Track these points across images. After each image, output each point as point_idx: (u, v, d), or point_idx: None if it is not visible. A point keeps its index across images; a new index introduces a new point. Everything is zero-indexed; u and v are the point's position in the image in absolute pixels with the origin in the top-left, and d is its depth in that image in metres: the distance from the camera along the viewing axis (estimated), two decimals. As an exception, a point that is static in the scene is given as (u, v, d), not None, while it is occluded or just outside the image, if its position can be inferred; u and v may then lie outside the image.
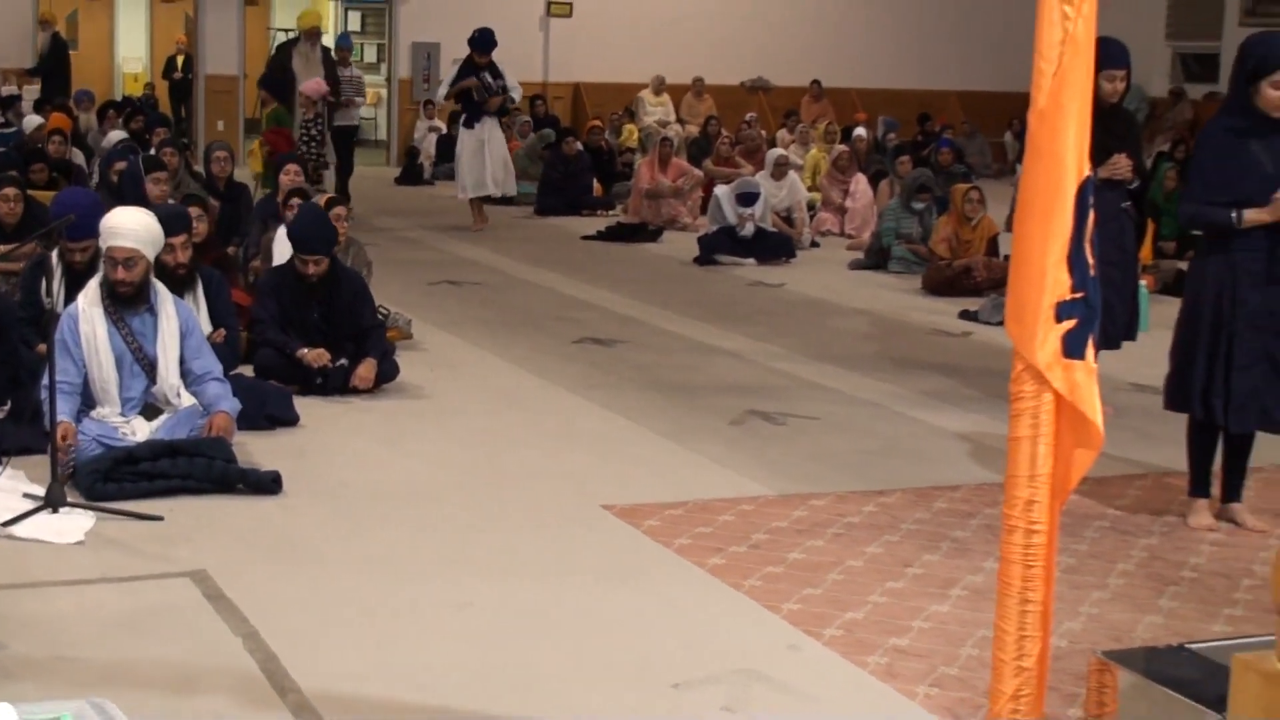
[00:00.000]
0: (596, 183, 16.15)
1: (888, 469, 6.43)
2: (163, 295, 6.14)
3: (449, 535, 5.38)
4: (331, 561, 5.07)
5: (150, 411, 6.06)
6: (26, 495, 5.45)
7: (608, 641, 4.47)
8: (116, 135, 13.50)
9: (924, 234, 12.16)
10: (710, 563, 5.12)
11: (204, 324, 6.72)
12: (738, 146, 16.75)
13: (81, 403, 5.98)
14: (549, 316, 9.78)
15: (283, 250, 8.05)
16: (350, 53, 16.13)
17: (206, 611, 4.58)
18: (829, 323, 10.02)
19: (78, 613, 4.55)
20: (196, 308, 6.76)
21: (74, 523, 5.25)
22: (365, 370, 7.28)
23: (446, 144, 18.13)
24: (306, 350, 7.25)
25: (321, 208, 7.93)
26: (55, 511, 5.27)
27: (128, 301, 6.04)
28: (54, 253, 6.78)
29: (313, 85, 13.41)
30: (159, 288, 6.16)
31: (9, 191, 8.67)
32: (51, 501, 5.29)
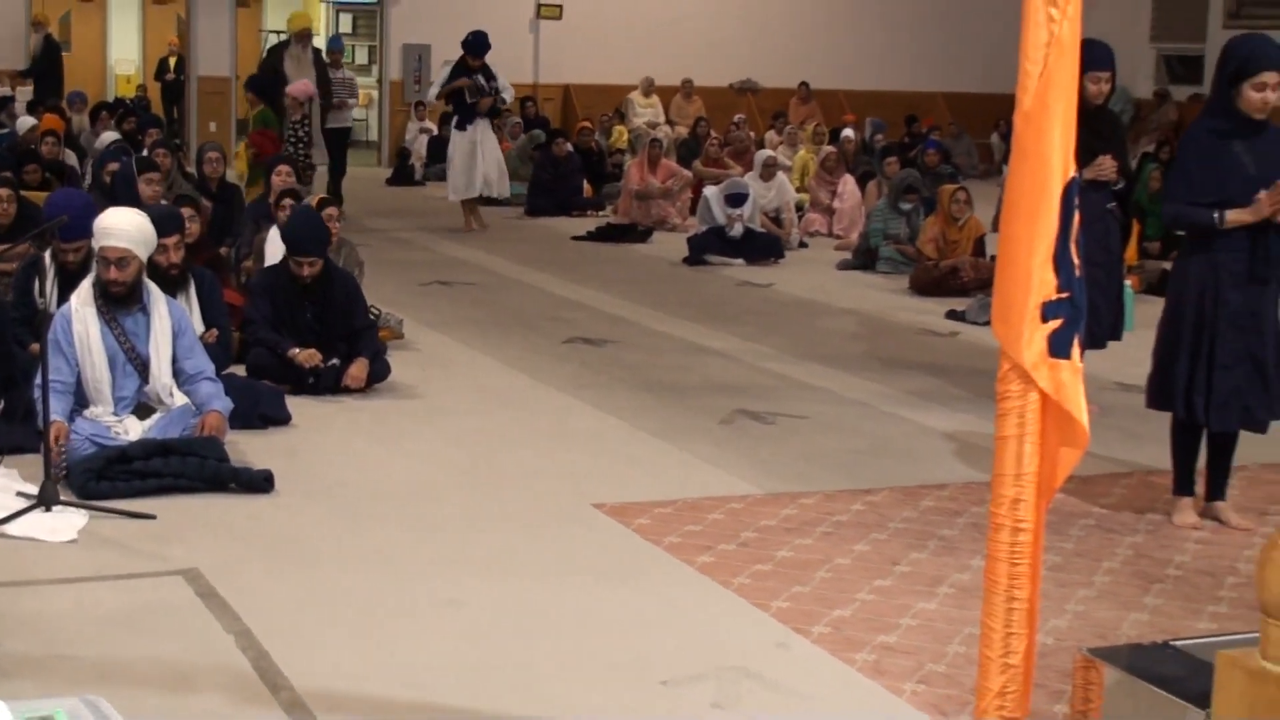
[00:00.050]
0: (586, 184, 16.13)
1: (876, 468, 6.45)
2: (155, 295, 6.15)
3: (441, 533, 5.39)
4: (324, 560, 5.08)
5: (143, 411, 6.06)
6: (20, 494, 5.45)
7: (598, 639, 4.48)
8: (109, 136, 13.46)
9: (911, 234, 12.17)
10: (700, 561, 5.14)
11: (196, 324, 6.73)
12: (726, 148, 16.76)
13: (74, 402, 5.98)
14: (540, 316, 9.78)
15: (275, 250, 8.06)
16: (342, 55, 16.13)
17: (199, 610, 4.58)
18: (817, 323, 10.03)
19: (71, 611, 4.55)
20: (189, 308, 6.77)
21: (67, 521, 5.26)
22: (357, 370, 7.29)
23: (438, 145, 18.11)
24: (298, 350, 7.26)
25: (315, 210, 7.94)
26: (48, 510, 5.28)
27: (120, 301, 6.05)
28: (47, 253, 6.79)
29: (300, 87, 13.39)
30: (151, 288, 6.16)
31: (2, 192, 8.68)
32: (45, 500, 5.30)
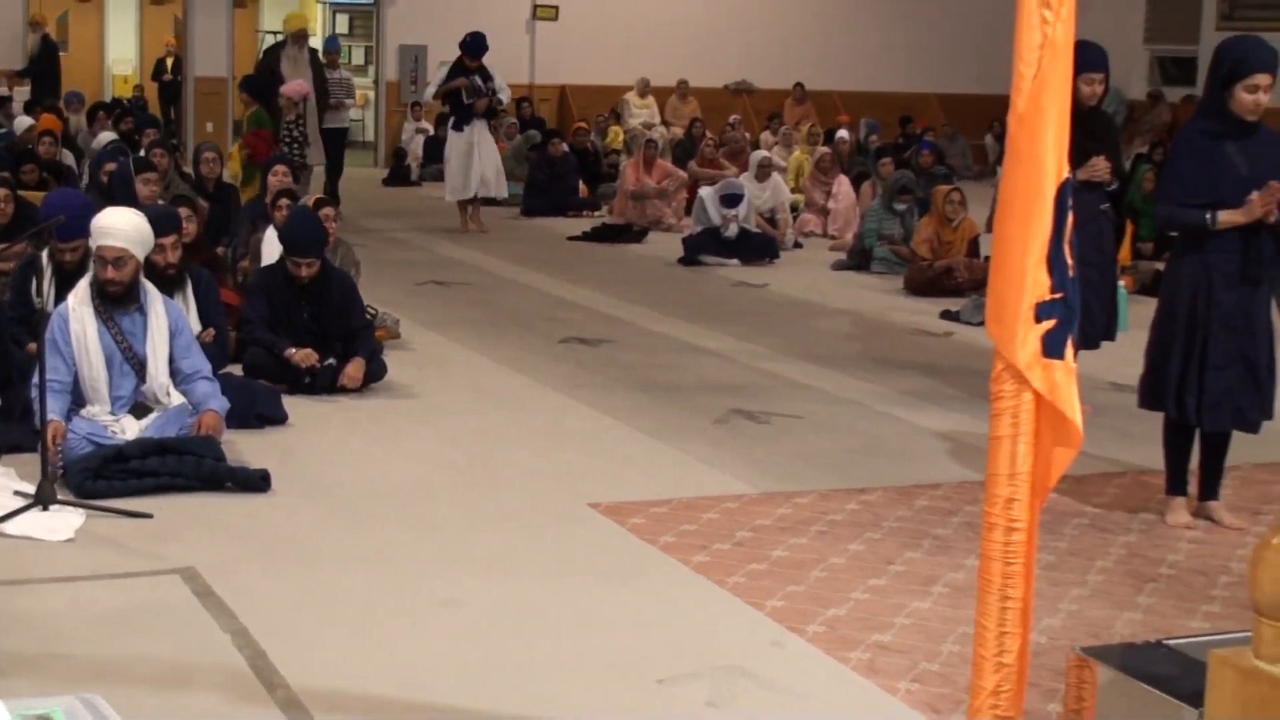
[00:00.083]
0: (582, 184, 16.14)
1: (870, 467, 6.47)
2: (152, 295, 6.16)
3: (437, 533, 5.40)
4: (320, 559, 5.09)
5: (140, 410, 6.08)
6: (17, 493, 5.46)
7: (594, 638, 4.49)
8: (106, 136, 13.45)
9: (906, 235, 12.19)
10: (695, 560, 5.15)
11: (193, 323, 6.74)
12: (722, 148, 16.77)
13: (72, 401, 5.99)
14: (536, 316, 9.79)
15: (271, 250, 8.07)
16: (338, 55, 16.12)
17: (196, 608, 4.59)
18: (812, 323, 10.04)
19: (68, 610, 4.56)
20: (186, 307, 6.78)
21: (64, 520, 5.27)
22: (354, 369, 7.30)
23: (434, 145, 18.11)
24: (294, 350, 7.27)
25: (313, 211, 7.93)
26: (46, 509, 5.29)
27: (117, 301, 6.06)
28: (44, 253, 6.79)
29: (294, 87, 13.37)
30: (148, 287, 6.17)
31: (-1, 192, 8.69)
32: (42, 499, 5.31)
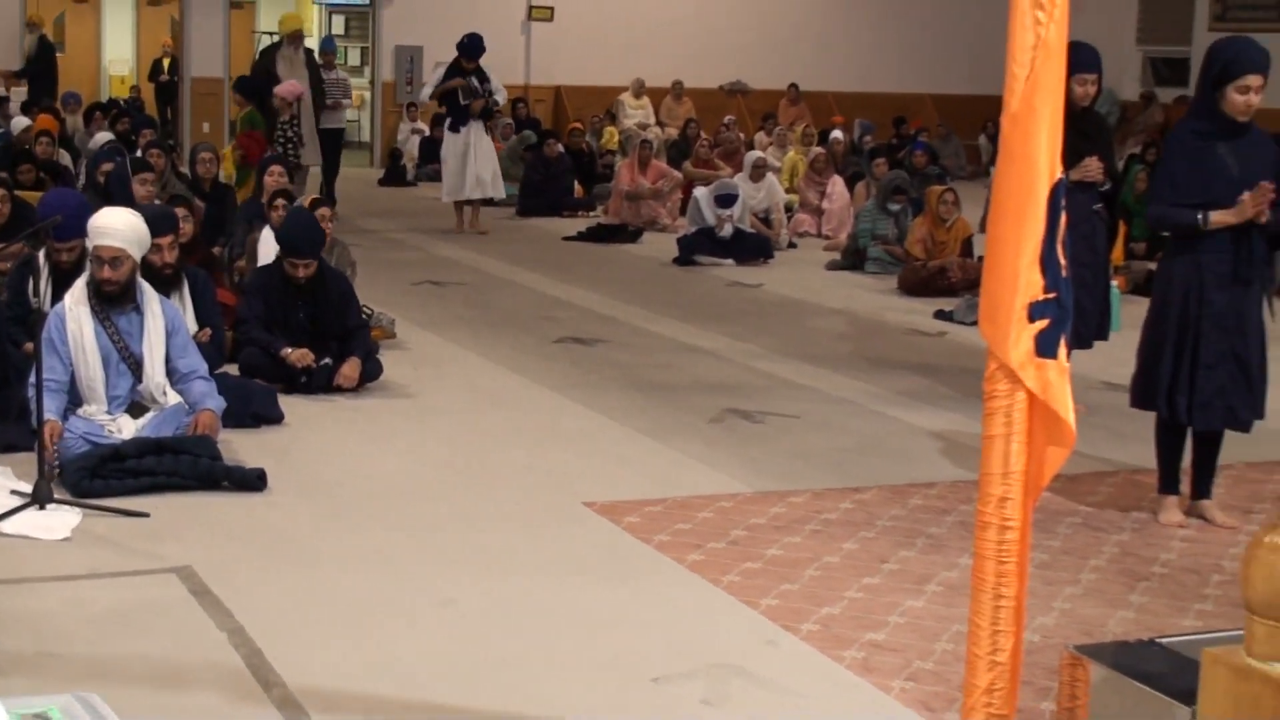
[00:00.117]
0: (577, 184, 16.14)
1: (864, 466, 6.48)
2: (149, 294, 6.17)
3: (432, 532, 5.41)
4: (316, 558, 5.10)
5: (136, 409, 6.09)
6: (14, 492, 5.47)
7: (588, 636, 4.50)
8: (103, 137, 13.45)
9: (900, 235, 12.20)
10: (690, 559, 5.16)
11: (190, 323, 6.74)
12: (716, 149, 16.78)
13: (68, 401, 6.00)
14: (531, 316, 9.80)
15: (268, 250, 8.08)
16: (334, 56, 16.12)
17: (192, 607, 4.60)
18: (806, 322, 10.06)
19: (65, 608, 4.57)
20: (183, 307, 6.78)
21: (61, 519, 5.28)
22: (349, 369, 7.31)
23: (429, 146, 18.11)
24: (290, 350, 7.28)
25: (310, 212, 7.93)
26: (42, 508, 5.30)
27: (114, 300, 6.07)
28: (41, 252, 6.79)
29: (288, 87, 13.36)
30: (145, 287, 6.18)
31: (-4, 192, 8.70)
32: (39, 498, 5.32)
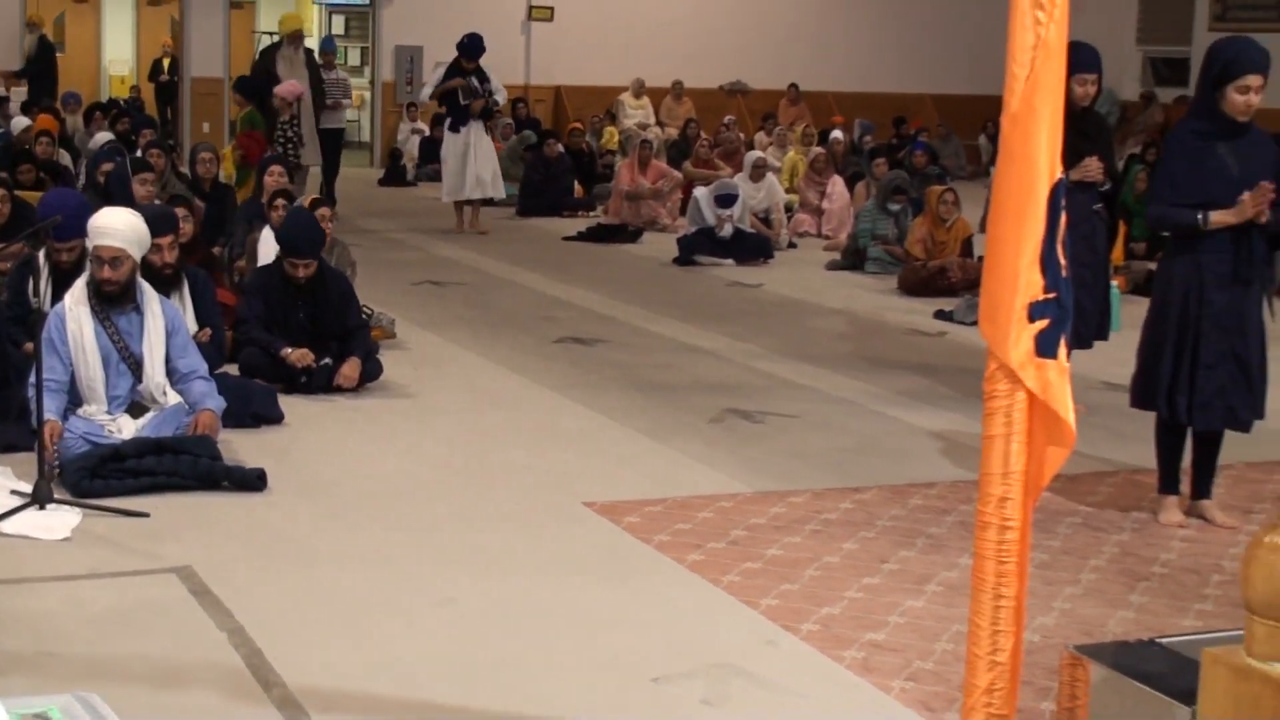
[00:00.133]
0: (577, 184, 16.14)
1: (864, 466, 6.48)
2: (149, 295, 6.17)
3: (433, 532, 5.41)
4: (316, 558, 5.10)
5: (136, 409, 6.09)
6: (14, 492, 5.47)
7: (588, 636, 4.51)
8: (103, 137, 13.45)
9: (899, 235, 12.21)
10: (689, 559, 5.16)
11: (190, 323, 6.75)
12: (716, 149, 16.78)
13: (68, 401, 6.00)
14: (531, 316, 9.80)
15: (268, 250, 8.08)
16: (334, 56, 16.13)
17: (192, 607, 4.60)
18: (806, 322, 10.06)
19: (65, 608, 4.57)
20: (183, 307, 6.79)
21: (61, 519, 5.28)
22: (349, 369, 7.32)
23: (429, 146, 18.11)
24: (290, 350, 7.28)
25: (310, 213, 7.94)
26: (42, 508, 5.30)
27: (114, 300, 6.07)
28: (41, 252, 6.80)
29: (287, 87, 13.36)
30: (145, 287, 6.18)
31: (-4, 192, 8.70)
32: (39, 498, 5.33)
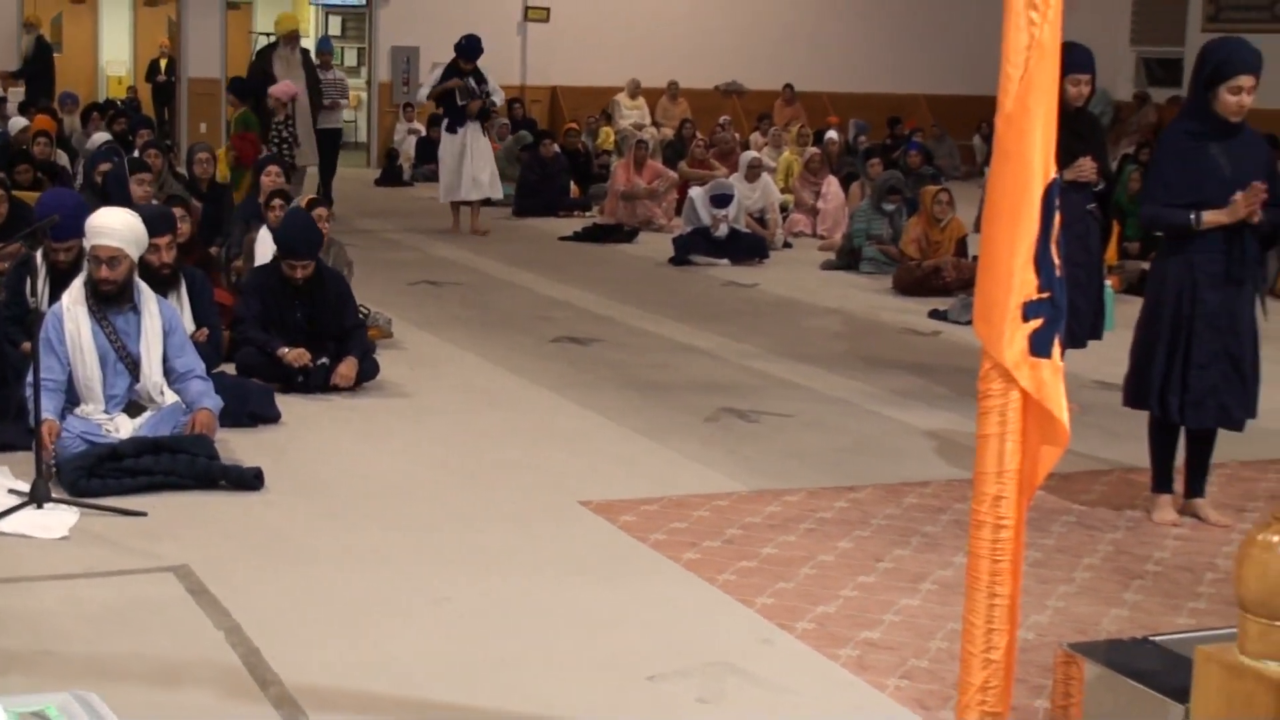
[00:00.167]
0: (573, 184, 16.16)
1: (859, 465, 6.49)
2: (146, 294, 6.18)
3: (429, 531, 5.42)
4: (313, 557, 5.11)
5: (134, 409, 6.09)
6: (12, 491, 5.48)
7: (584, 635, 4.52)
8: (100, 137, 13.44)
9: (894, 235, 12.22)
10: (685, 558, 5.17)
11: (187, 323, 6.75)
12: (712, 149, 16.79)
13: (66, 400, 6.01)
14: (527, 316, 9.81)
15: (265, 250, 8.09)
16: (331, 56, 16.13)
17: (189, 606, 4.61)
18: (801, 322, 10.07)
19: (62, 607, 4.58)
20: (180, 307, 6.79)
21: (58, 518, 5.28)
22: (346, 369, 7.32)
23: (426, 146, 18.11)
24: (287, 350, 7.29)
25: (308, 214, 7.94)
26: (40, 507, 5.31)
27: (111, 300, 6.07)
28: (39, 252, 6.80)
29: (282, 88, 13.35)
30: (142, 287, 6.19)
31: (-6, 192, 8.71)
32: (36, 497, 5.33)
